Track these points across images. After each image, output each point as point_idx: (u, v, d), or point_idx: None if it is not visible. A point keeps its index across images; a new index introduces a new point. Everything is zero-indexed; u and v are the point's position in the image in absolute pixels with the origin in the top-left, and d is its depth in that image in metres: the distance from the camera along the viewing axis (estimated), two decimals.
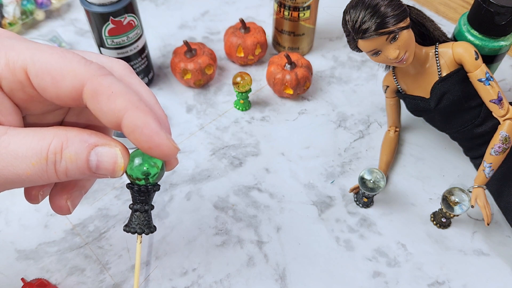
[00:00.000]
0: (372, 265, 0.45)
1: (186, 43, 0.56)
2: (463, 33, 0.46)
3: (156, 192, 0.28)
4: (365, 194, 0.47)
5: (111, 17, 0.49)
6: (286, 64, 0.55)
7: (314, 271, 0.44)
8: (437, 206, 0.49)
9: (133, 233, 0.28)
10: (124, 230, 0.28)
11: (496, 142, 0.43)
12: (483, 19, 0.44)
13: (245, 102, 0.56)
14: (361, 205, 0.49)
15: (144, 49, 0.55)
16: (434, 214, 0.48)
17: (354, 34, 0.42)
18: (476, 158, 0.49)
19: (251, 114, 0.57)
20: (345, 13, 0.42)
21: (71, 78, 0.23)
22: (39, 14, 0.65)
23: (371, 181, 0.45)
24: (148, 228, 0.28)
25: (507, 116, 0.43)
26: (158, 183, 0.28)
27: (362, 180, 0.45)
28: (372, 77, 0.61)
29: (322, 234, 0.47)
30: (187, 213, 0.48)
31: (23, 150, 0.23)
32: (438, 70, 0.45)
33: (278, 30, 0.61)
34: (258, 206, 0.49)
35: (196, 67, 0.56)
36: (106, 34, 0.51)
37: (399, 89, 0.49)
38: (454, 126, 0.47)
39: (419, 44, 0.45)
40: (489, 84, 0.43)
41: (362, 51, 0.44)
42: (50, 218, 0.48)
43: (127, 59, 0.54)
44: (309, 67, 0.56)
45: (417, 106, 0.48)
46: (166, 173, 0.51)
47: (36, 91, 0.24)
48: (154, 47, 0.64)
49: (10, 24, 0.63)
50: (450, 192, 0.44)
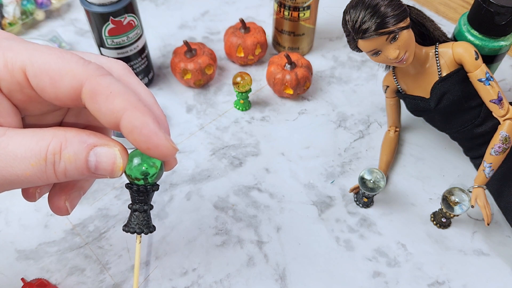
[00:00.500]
0: (372, 265, 0.45)
1: (186, 43, 0.56)
2: (463, 33, 0.46)
3: (155, 192, 0.28)
4: (365, 194, 0.47)
5: (111, 17, 0.49)
6: (286, 64, 0.55)
7: (314, 271, 0.44)
8: (437, 206, 0.49)
9: (132, 233, 0.28)
10: (123, 230, 0.28)
11: (496, 142, 0.43)
12: (483, 19, 0.44)
13: (245, 102, 0.56)
14: (361, 205, 0.49)
15: (144, 49, 0.55)
16: (434, 214, 0.48)
17: (354, 34, 0.42)
18: (476, 158, 0.49)
19: (251, 114, 0.57)
20: (345, 13, 0.42)
21: (70, 78, 0.23)
22: (39, 14, 0.65)
23: (371, 181, 0.45)
24: (147, 228, 0.28)
25: (507, 116, 0.43)
26: (157, 183, 0.28)
27: (362, 180, 0.45)
28: (372, 77, 0.61)
29: (322, 234, 0.47)
30: (187, 213, 0.48)
31: (22, 151, 0.23)
32: (438, 70, 0.45)
33: (278, 30, 0.61)
34: (258, 206, 0.49)
35: (196, 67, 0.56)
36: (106, 34, 0.51)
37: (399, 89, 0.49)
38: (454, 126, 0.47)
39: (419, 44, 0.45)
40: (489, 84, 0.43)
41: (362, 51, 0.44)
42: (50, 218, 0.48)
43: (127, 59, 0.54)
44: (309, 67, 0.56)
45: (417, 106, 0.48)
46: (166, 173, 0.51)
47: (34, 92, 0.24)
48: (154, 47, 0.64)
49: (10, 24, 0.63)
50: (450, 192, 0.44)
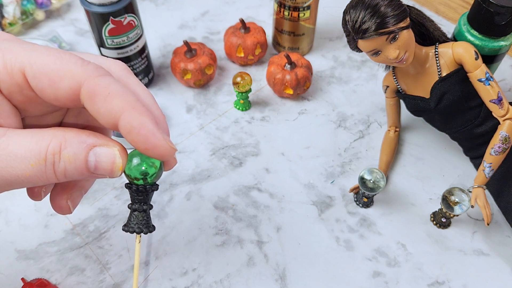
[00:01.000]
0: (372, 265, 0.45)
1: (186, 43, 0.56)
2: (463, 33, 0.46)
3: (154, 191, 0.28)
4: (365, 194, 0.47)
5: (111, 17, 0.49)
6: (286, 64, 0.55)
7: (314, 271, 0.44)
8: (437, 206, 0.49)
9: (131, 232, 0.28)
10: (123, 229, 0.28)
11: (496, 142, 0.43)
12: (483, 19, 0.44)
13: (245, 102, 0.56)
14: (361, 205, 0.49)
15: (144, 49, 0.55)
16: (434, 214, 0.48)
17: (354, 34, 0.42)
18: (476, 158, 0.49)
19: (251, 114, 0.57)
20: (345, 13, 0.42)
21: (68, 79, 0.23)
22: (39, 14, 0.65)
23: (371, 181, 0.45)
24: (146, 227, 0.28)
25: (507, 116, 0.43)
26: (157, 183, 0.28)
27: (362, 180, 0.45)
28: (372, 77, 0.61)
29: (322, 234, 0.47)
30: (187, 213, 0.48)
31: (22, 152, 0.23)
32: (438, 70, 0.45)
33: (278, 30, 0.61)
34: (258, 206, 0.49)
35: (196, 67, 0.56)
36: (106, 34, 0.51)
37: (399, 89, 0.49)
38: (454, 126, 0.47)
39: (419, 44, 0.45)
40: (489, 84, 0.43)
41: (362, 51, 0.44)
42: (50, 218, 0.48)
43: (127, 59, 0.54)
44: (309, 67, 0.56)
45: (417, 106, 0.48)
46: (166, 173, 0.51)
47: (34, 93, 0.24)
48: (154, 47, 0.64)
49: (10, 24, 0.63)
50: (450, 192, 0.44)
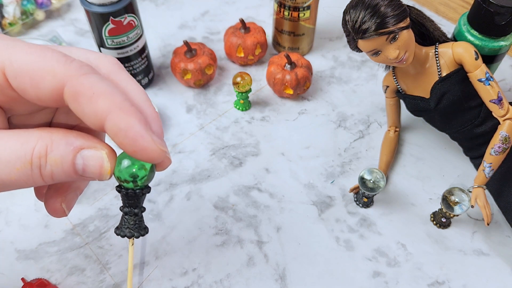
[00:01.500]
0: (372, 265, 0.45)
1: (186, 43, 0.56)
2: (463, 33, 0.46)
3: (146, 194, 0.27)
4: (365, 194, 0.47)
5: (111, 17, 0.49)
6: (286, 64, 0.55)
7: (314, 271, 0.44)
8: (437, 206, 0.49)
9: (122, 236, 0.27)
10: (115, 232, 0.27)
11: (496, 142, 0.43)
12: (483, 19, 0.44)
13: (245, 102, 0.56)
14: (361, 205, 0.49)
15: (144, 49, 0.55)
16: (434, 214, 0.48)
17: (354, 34, 0.42)
18: (476, 158, 0.49)
19: (251, 114, 0.57)
20: (345, 13, 0.42)
21: (50, 78, 0.22)
22: (39, 14, 0.65)
23: (371, 181, 0.45)
24: (138, 231, 0.27)
25: (507, 116, 0.43)
26: (149, 185, 0.27)
27: (362, 180, 0.45)
28: (372, 77, 0.61)
29: (322, 234, 0.47)
30: (187, 213, 0.48)
31: (6, 155, 0.22)
32: (438, 70, 0.45)
33: (278, 30, 0.61)
34: (258, 206, 0.49)
35: (196, 67, 0.56)
36: (106, 34, 0.51)
37: (399, 89, 0.49)
38: (454, 126, 0.47)
39: (419, 44, 0.45)
40: (489, 84, 0.43)
41: (362, 51, 0.44)
42: (50, 218, 0.48)
43: (127, 59, 0.54)
44: (309, 67, 0.56)
45: (417, 106, 0.48)
46: (166, 173, 0.51)
47: (16, 93, 0.23)
48: (154, 47, 0.64)
49: (10, 24, 0.63)
50: (450, 192, 0.44)
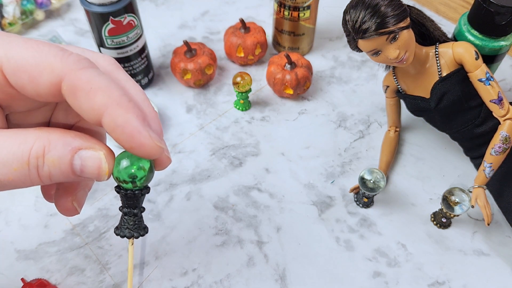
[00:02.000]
0: (372, 265, 0.45)
1: (186, 43, 0.56)
2: (463, 33, 0.46)
3: (145, 195, 0.27)
4: (365, 194, 0.47)
5: (111, 17, 0.49)
6: (286, 64, 0.55)
7: (314, 271, 0.44)
8: (437, 206, 0.49)
9: (122, 237, 0.27)
10: (114, 232, 0.27)
11: (496, 142, 0.43)
12: (483, 19, 0.44)
13: (245, 102, 0.56)
14: (361, 205, 0.49)
15: (144, 49, 0.55)
16: (434, 214, 0.48)
17: (354, 34, 0.42)
18: (476, 158, 0.49)
19: (251, 114, 0.57)
20: (345, 13, 0.42)
21: (48, 73, 0.22)
22: (39, 14, 0.65)
23: (371, 181, 0.45)
24: (138, 231, 0.27)
25: (507, 116, 0.43)
26: (148, 186, 0.27)
27: (362, 180, 0.45)
28: (372, 77, 0.61)
29: (322, 234, 0.47)
30: (187, 213, 0.48)
31: (3, 155, 0.22)
32: (438, 70, 0.45)
33: (278, 30, 0.61)
34: (258, 206, 0.49)
35: (196, 67, 0.56)
36: (106, 34, 0.51)
37: (399, 89, 0.49)
38: (454, 126, 0.47)
39: (419, 44, 0.45)
40: (489, 84, 0.43)
41: (362, 51, 0.43)
42: (50, 218, 0.48)
43: (127, 59, 0.54)
44: (309, 67, 0.56)
45: (417, 106, 0.48)
46: (166, 173, 0.51)
47: (15, 90, 0.23)
48: (154, 47, 0.64)
49: (10, 24, 0.63)
50: (450, 192, 0.44)
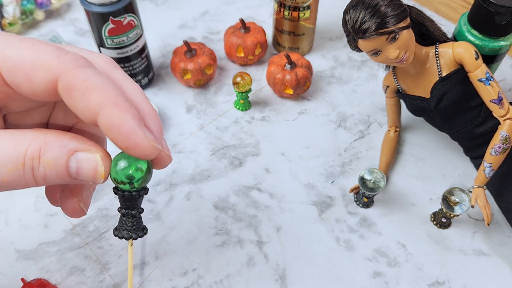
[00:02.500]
0: (372, 265, 0.45)
1: (186, 43, 0.56)
2: (463, 33, 0.46)
3: (144, 196, 0.27)
4: (365, 194, 0.47)
5: (111, 17, 0.49)
6: (286, 64, 0.55)
7: (314, 271, 0.44)
8: (437, 206, 0.49)
9: (120, 238, 0.27)
10: (113, 234, 0.27)
11: (496, 142, 0.43)
12: (483, 19, 0.44)
13: (245, 102, 0.56)
14: (361, 205, 0.49)
15: (144, 49, 0.55)
16: (434, 214, 0.48)
17: (354, 34, 0.42)
18: (476, 158, 0.49)
19: (251, 114, 0.57)
20: (345, 13, 0.42)
21: (44, 72, 0.22)
22: (39, 14, 0.65)
23: (371, 181, 0.45)
24: (136, 232, 0.27)
25: (507, 116, 0.43)
26: (146, 187, 0.26)
27: (362, 180, 0.45)
28: (372, 77, 0.61)
29: (322, 234, 0.47)
30: (187, 213, 0.48)
31: None
32: (438, 70, 0.45)
33: (278, 30, 0.61)
34: (258, 206, 0.49)
35: (196, 67, 0.56)
36: (106, 34, 0.51)
37: (399, 89, 0.49)
38: (454, 126, 0.47)
39: (419, 44, 0.45)
40: (489, 84, 0.43)
41: (362, 51, 0.43)
42: (50, 218, 0.48)
43: (127, 59, 0.54)
44: (309, 67, 0.56)
45: (417, 106, 0.48)
46: (166, 173, 0.51)
47: (11, 89, 0.23)
48: (154, 47, 0.64)
49: (10, 24, 0.63)
50: (450, 192, 0.44)
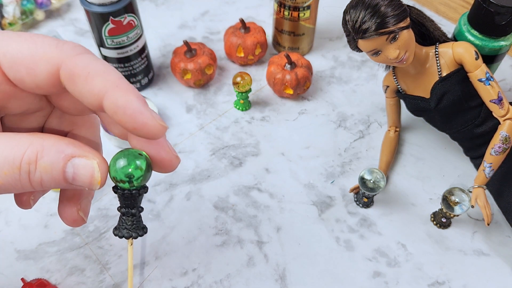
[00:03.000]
0: (372, 265, 0.45)
1: (186, 43, 0.56)
2: (463, 33, 0.46)
3: (143, 194, 0.27)
4: (365, 194, 0.47)
5: (111, 17, 0.49)
6: (286, 64, 0.55)
7: (314, 271, 0.44)
8: (437, 206, 0.49)
9: (120, 237, 0.27)
10: (113, 233, 0.27)
11: (496, 142, 0.43)
12: (483, 19, 0.44)
13: (245, 102, 0.56)
14: (361, 205, 0.49)
15: (144, 49, 0.55)
16: (434, 214, 0.48)
17: (354, 34, 0.42)
18: (476, 158, 0.49)
19: (251, 114, 0.57)
20: (345, 13, 0.42)
21: (45, 63, 0.22)
22: (39, 14, 0.65)
23: (371, 181, 0.45)
24: (136, 231, 0.27)
25: (507, 116, 0.43)
26: (146, 185, 0.26)
27: (362, 180, 0.45)
28: (372, 77, 0.61)
29: (322, 234, 0.47)
30: (187, 213, 0.48)
31: None
32: (438, 70, 0.45)
33: (278, 30, 0.61)
34: (258, 206, 0.49)
35: (196, 67, 0.56)
36: (106, 34, 0.51)
37: (399, 89, 0.49)
38: (454, 126, 0.47)
39: (419, 44, 0.45)
40: (489, 84, 0.43)
41: (362, 51, 0.43)
42: (50, 218, 0.48)
43: (127, 59, 0.54)
44: (309, 67, 0.56)
45: (417, 106, 0.48)
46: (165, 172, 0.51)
47: (12, 86, 0.23)
48: (154, 47, 0.64)
49: (10, 24, 0.63)
50: (450, 192, 0.44)
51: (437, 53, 0.44)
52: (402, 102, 0.52)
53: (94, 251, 0.45)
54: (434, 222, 0.47)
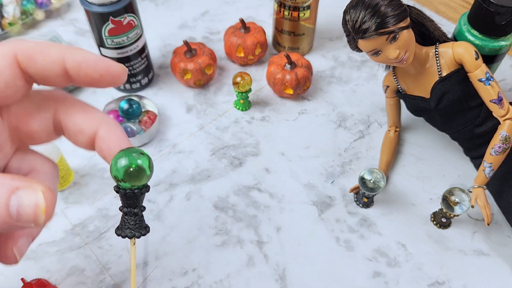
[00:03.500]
0: (372, 265, 0.45)
1: (186, 43, 0.56)
2: (463, 33, 0.46)
3: (145, 193, 0.27)
4: (365, 194, 0.47)
5: (111, 17, 0.49)
6: (286, 64, 0.55)
7: (314, 271, 0.44)
8: (437, 206, 0.49)
9: (123, 237, 0.27)
10: (115, 233, 0.27)
11: (496, 142, 0.43)
12: (483, 19, 0.44)
13: (245, 102, 0.56)
14: (361, 205, 0.49)
15: (144, 49, 0.55)
16: (434, 214, 0.48)
17: (354, 34, 0.42)
18: (476, 158, 0.49)
19: (251, 114, 0.57)
20: (345, 13, 0.42)
21: (1, 59, 0.23)
22: (39, 14, 0.65)
23: (371, 181, 0.45)
24: (139, 231, 0.27)
25: (507, 116, 0.43)
26: (147, 184, 0.26)
27: (362, 180, 0.45)
28: (372, 77, 0.61)
29: (322, 234, 0.47)
30: (187, 213, 0.48)
31: None
32: (438, 70, 0.45)
33: (278, 30, 0.61)
34: (258, 206, 0.49)
35: (196, 67, 0.56)
36: (106, 34, 0.51)
37: (399, 89, 0.49)
38: (454, 126, 0.47)
39: (419, 44, 0.45)
40: (489, 84, 0.43)
41: (362, 51, 0.44)
42: None
43: (127, 59, 0.54)
44: (309, 67, 0.56)
45: (417, 106, 0.48)
46: (166, 173, 0.51)
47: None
48: (154, 47, 0.64)
49: (10, 24, 0.63)
50: (450, 192, 0.44)
51: (437, 53, 0.44)
52: (402, 102, 0.52)
53: (94, 251, 0.45)
54: (434, 222, 0.47)
